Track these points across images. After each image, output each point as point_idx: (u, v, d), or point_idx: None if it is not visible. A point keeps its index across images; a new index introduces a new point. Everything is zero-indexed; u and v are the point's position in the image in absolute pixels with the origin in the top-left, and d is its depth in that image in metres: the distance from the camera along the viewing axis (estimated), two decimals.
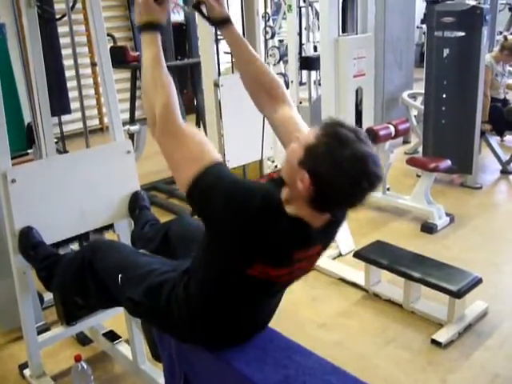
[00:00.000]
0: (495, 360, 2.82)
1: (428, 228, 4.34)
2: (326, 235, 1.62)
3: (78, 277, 2.07)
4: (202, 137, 1.57)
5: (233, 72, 4.19)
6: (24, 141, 3.50)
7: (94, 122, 7.95)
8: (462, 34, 4.84)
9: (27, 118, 3.31)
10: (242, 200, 1.45)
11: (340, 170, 1.37)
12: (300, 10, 6.04)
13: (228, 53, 4.94)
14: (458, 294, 2.98)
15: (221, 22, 1.84)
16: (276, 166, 5.71)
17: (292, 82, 5.15)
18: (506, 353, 2.87)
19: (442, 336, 2.96)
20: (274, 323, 1.87)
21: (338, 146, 1.38)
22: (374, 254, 3.41)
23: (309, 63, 5.87)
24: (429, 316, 3.14)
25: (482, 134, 5.32)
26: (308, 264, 1.64)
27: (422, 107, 5.57)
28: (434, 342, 2.95)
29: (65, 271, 2.17)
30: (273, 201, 1.48)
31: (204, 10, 1.83)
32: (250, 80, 1.87)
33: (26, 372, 2.75)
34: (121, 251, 2.06)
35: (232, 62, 4.31)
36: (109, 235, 2.88)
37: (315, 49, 6.69)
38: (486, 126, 5.42)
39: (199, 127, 5.29)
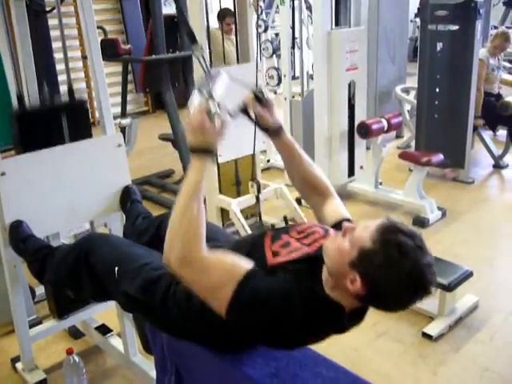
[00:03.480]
0: (485, 353, 2.83)
1: (420, 222, 4.34)
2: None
3: (73, 269, 2.05)
4: (224, 256, 1.52)
5: (225, 63, 4.18)
6: None
7: None
8: (456, 27, 4.83)
9: None
10: (284, 309, 1.42)
11: (397, 283, 1.34)
12: (293, 3, 6.00)
13: None
14: (449, 288, 2.99)
15: (272, 132, 1.79)
16: (268, 161, 5.71)
17: (285, 76, 5.15)
18: (496, 346, 2.89)
19: (433, 329, 2.98)
20: None
21: (397, 257, 1.33)
22: None
23: None
24: (420, 309, 3.15)
25: (475, 129, 5.33)
26: None
27: (415, 101, 5.58)
28: (424, 335, 2.97)
29: (59, 264, 2.15)
30: (313, 298, 1.45)
31: (252, 113, 1.74)
32: (299, 182, 1.87)
33: (19, 365, 2.76)
34: (116, 244, 2.05)
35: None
36: (101, 229, 2.88)
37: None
38: (479, 121, 5.40)
39: None
